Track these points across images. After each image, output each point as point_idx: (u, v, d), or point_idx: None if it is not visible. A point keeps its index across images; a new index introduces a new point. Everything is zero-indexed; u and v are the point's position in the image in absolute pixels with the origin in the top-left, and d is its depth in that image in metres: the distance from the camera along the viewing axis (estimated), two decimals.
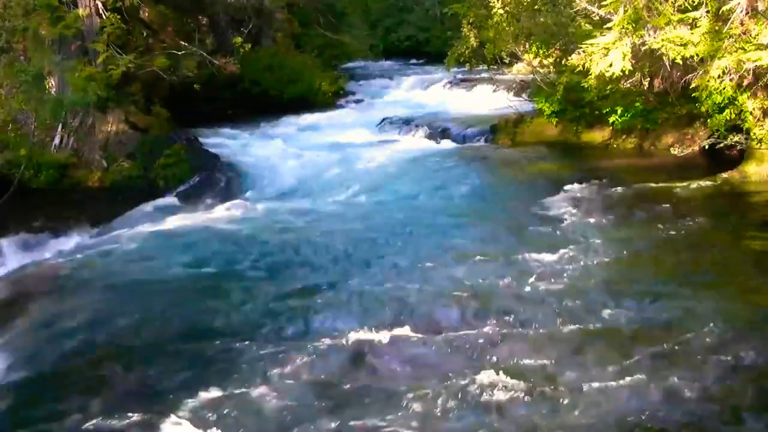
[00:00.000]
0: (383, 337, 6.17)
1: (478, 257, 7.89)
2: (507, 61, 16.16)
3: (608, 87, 11.07)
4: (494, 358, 5.76)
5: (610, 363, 5.57)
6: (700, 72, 9.23)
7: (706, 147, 11.17)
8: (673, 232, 8.35)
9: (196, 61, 14.17)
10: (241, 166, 12.92)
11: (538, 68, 15.19)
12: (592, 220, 8.97)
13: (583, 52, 9.60)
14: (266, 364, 5.85)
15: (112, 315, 7.05)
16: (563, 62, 12.44)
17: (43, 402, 5.68)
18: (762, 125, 9.90)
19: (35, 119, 11.89)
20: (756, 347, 5.68)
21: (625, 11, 8.72)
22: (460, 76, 21.06)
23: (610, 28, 9.05)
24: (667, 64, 9.63)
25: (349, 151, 14.31)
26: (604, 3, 9.15)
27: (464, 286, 7.11)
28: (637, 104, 11.83)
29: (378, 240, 8.83)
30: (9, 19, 11.49)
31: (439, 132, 15.33)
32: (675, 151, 11.99)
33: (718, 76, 9.07)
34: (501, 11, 13.49)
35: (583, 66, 9.72)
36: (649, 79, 10.48)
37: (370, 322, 6.46)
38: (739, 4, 8.58)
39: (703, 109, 10.45)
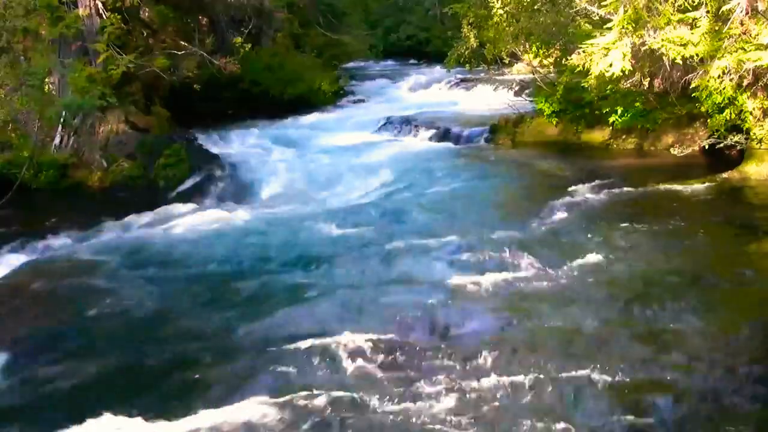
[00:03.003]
0: (381, 340, 6.13)
1: (478, 258, 7.88)
2: (507, 61, 16.20)
3: (608, 87, 11.08)
4: (493, 357, 5.76)
5: (606, 363, 5.57)
6: (700, 72, 9.24)
7: (706, 147, 11.17)
8: (673, 232, 8.35)
9: (196, 61, 14.15)
10: (240, 167, 12.92)
11: (538, 68, 15.22)
12: (591, 220, 8.97)
13: (583, 52, 9.60)
14: (258, 369, 5.81)
15: (110, 314, 7.06)
16: (563, 62, 12.45)
17: (35, 398, 5.69)
18: (762, 125, 9.90)
19: (39, 120, 11.88)
20: (754, 347, 5.68)
21: (625, 11, 8.72)
22: (460, 76, 21.08)
23: (610, 28, 9.05)
24: (667, 64, 9.63)
25: (349, 151, 14.31)
26: (604, 3, 9.15)
27: (465, 288, 7.10)
28: (637, 104, 11.83)
29: (378, 242, 8.81)
30: (10, 19, 11.47)
31: (439, 132, 15.33)
32: (675, 151, 12.00)
33: (718, 76, 9.07)
34: (501, 11, 13.49)
35: (583, 66, 9.71)
36: (649, 79, 10.48)
37: (368, 325, 6.44)
38: (739, 4, 8.58)
39: (703, 109, 10.45)
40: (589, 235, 8.37)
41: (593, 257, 7.65)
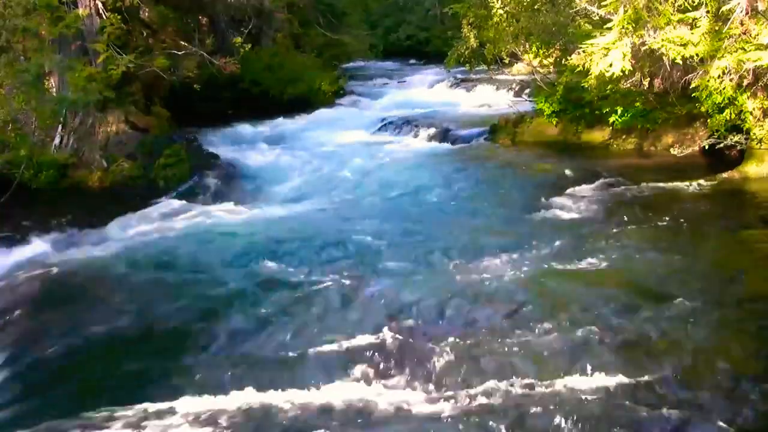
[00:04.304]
0: (379, 341, 6.13)
1: (477, 258, 7.88)
2: (507, 61, 16.20)
3: (608, 87, 11.07)
4: (491, 356, 5.76)
5: (606, 363, 5.57)
6: (700, 72, 9.24)
7: (706, 147, 11.17)
8: (673, 233, 8.35)
9: (196, 61, 14.15)
10: (240, 167, 12.93)
11: (538, 68, 15.23)
12: (591, 221, 8.97)
13: (583, 52, 9.60)
14: (257, 370, 5.81)
15: (108, 314, 7.05)
16: (563, 62, 12.45)
17: (32, 397, 5.70)
18: (762, 125, 9.90)
19: (35, 119, 11.87)
20: (754, 347, 5.68)
21: (625, 11, 8.72)
22: (460, 76, 21.11)
23: (610, 28, 9.05)
24: (667, 64, 9.63)
25: (348, 151, 14.31)
26: (604, 3, 9.15)
27: (463, 288, 7.10)
28: (637, 104, 11.83)
29: (377, 242, 8.80)
30: (9, 18, 11.46)
31: (439, 132, 15.34)
32: (675, 151, 11.99)
33: (718, 76, 9.07)
34: (501, 11, 13.50)
35: (583, 66, 9.71)
36: (649, 79, 10.48)
37: (367, 325, 6.44)
38: (739, 4, 8.59)
39: (703, 109, 10.45)
40: (588, 235, 8.37)
41: (593, 257, 7.64)
